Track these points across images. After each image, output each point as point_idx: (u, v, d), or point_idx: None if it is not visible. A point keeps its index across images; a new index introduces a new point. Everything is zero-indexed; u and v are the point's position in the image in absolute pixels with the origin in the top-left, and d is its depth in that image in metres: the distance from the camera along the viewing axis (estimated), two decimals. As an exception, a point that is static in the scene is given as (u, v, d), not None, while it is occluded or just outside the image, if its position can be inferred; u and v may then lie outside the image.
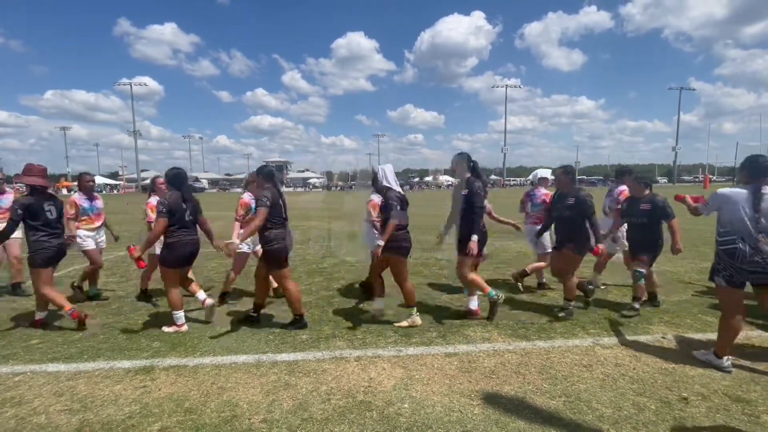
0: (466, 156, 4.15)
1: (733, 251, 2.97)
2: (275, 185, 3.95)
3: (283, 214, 3.95)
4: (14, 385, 2.97)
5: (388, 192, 3.91)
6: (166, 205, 3.79)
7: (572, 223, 4.13)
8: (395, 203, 3.83)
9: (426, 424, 2.43)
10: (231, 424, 2.46)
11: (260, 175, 4.05)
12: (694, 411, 2.55)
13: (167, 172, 4.12)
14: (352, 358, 3.33)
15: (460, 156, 4.16)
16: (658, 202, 4.17)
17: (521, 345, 3.58)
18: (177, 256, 3.90)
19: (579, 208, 4.06)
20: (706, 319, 4.19)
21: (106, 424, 2.46)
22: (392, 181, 3.97)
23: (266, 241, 3.80)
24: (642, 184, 4.34)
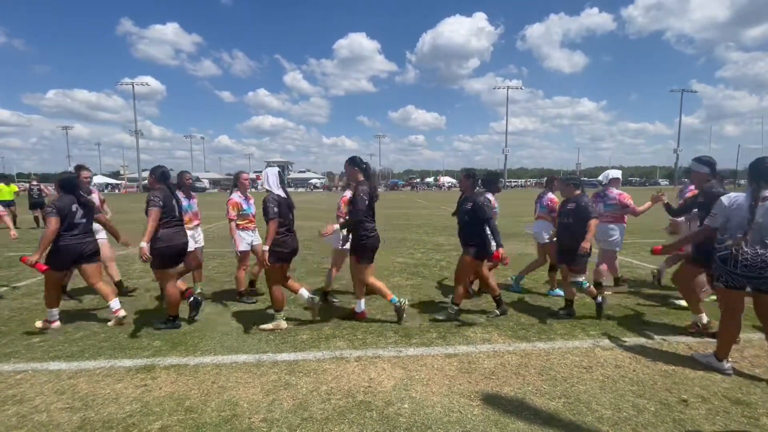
0: (356, 160, 4.10)
1: (726, 257, 3.00)
2: (168, 186, 4.07)
3: (175, 214, 4.02)
4: (16, 383, 2.98)
5: (268, 195, 3.88)
6: (57, 206, 3.82)
7: (471, 227, 4.09)
8: (273, 206, 3.80)
9: (426, 425, 2.44)
10: (231, 423, 2.47)
11: (153, 175, 4.12)
12: (693, 413, 2.55)
13: (59, 176, 4.10)
14: (353, 358, 3.33)
15: (350, 161, 4.10)
16: (582, 201, 4.13)
17: (521, 346, 3.58)
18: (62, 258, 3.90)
19: (476, 213, 4.03)
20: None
21: (107, 423, 2.47)
22: (273, 184, 3.96)
23: (154, 240, 3.85)
24: (571, 185, 4.30)
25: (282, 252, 3.88)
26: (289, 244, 3.96)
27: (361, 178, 4.05)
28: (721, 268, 3.05)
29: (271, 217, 3.77)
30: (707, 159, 3.79)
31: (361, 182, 4.00)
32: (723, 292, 3.13)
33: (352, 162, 4.11)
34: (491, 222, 4.00)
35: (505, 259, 4.01)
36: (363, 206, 3.90)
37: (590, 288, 4.22)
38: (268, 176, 3.98)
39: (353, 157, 4.14)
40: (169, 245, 3.91)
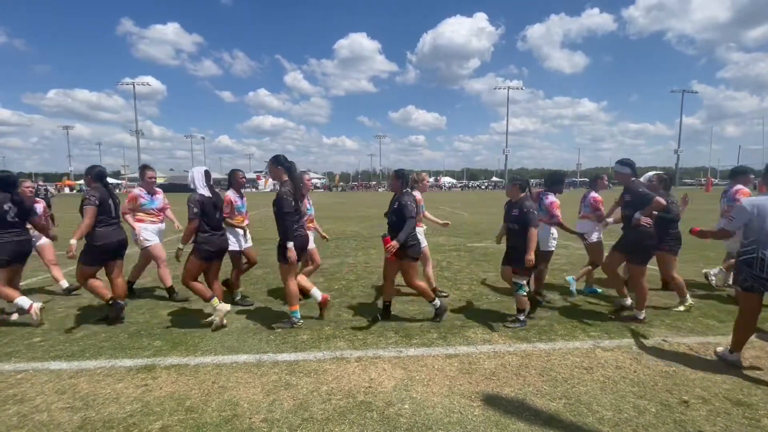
0: (280, 159, 4.02)
1: (751, 261, 3.03)
2: (105, 185, 4.14)
3: (111, 213, 4.07)
4: (16, 382, 2.98)
5: (191, 195, 3.89)
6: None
7: (398, 229, 3.98)
8: (193, 206, 3.82)
9: (426, 425, 2.44)
10: (232, 423, 2.47)
11: (89, 175, 4.16)
12: (694, 414, 2.55)
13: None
14: (353, 359, 3.33)
15: (274, 160, 4.04)
16: (524, 207, 3.95)
17: (522, 347, 3.58)
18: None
19: (401, 213, 3.96)
20: (707, 322, 4.18)
21: (108, 422, 2.47)
22: (199, 184, 3.96)
23: (91, 238, 3.92)
24: (516, 186, 4.10)
25: (209, 250, 3.95)
26: (215, 243, 4.00)
27: (286, 177, 3.98)
28: (746, 272, 3.07)
29: (191, 218, 3.82)
30: (628, 161, 4.18)
31: (284, 182, 3.95)
32: (742, 294, 3.16)
33: (276, 161, 4.02)
34: (410, 221, 3.88)
35: (391, 246, 3.85)
36: (290, 208, 3.82)
37: (524, 299, 4.06)
38: (194, 175, 3.98)
39: (277, 156, 4.06)
40: (105, 243, 4.01)
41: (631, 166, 4.15)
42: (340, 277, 6.33)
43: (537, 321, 4.22)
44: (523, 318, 4.06)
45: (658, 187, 4.56)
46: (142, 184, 5.03)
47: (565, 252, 8.08)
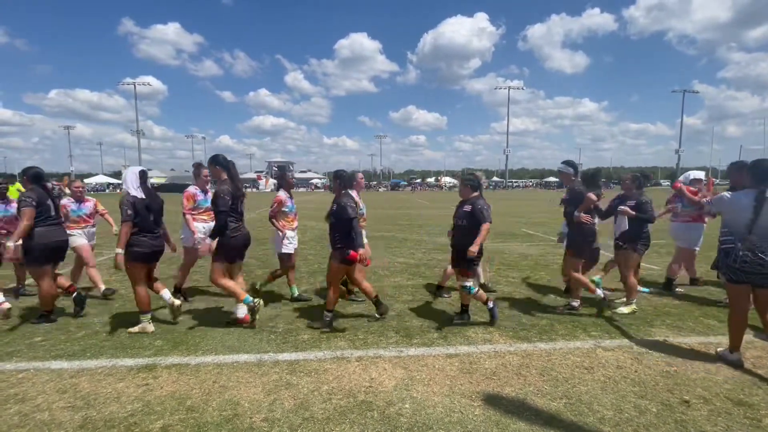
0: (219, 158, 4.01)
1: (729, 251, 3.12)
2: (43, 186, 4.15)
3: (51, 213, 4.09)
4: (18, 381, 2.98)
5: (124, 197, 3.87)
6: None
7: (335, 230, 3.99)
8: (126, 208, 3.79)
9: (427, 425, 2.44)
10: (232, 422, 2.47)
11: (25, 176, 4.17)
12: (695, 414, 2.54)
13: None
14: (354, 358, 3.33)
15: (213, 160, 4.03)
16: (477, 204, 3.96)
17: (522, 346, 3.57)
18: None
19: (338, 214, 3.94)
20: (708, 322, 4.18)
21: (109, 422, 2.48)
22: (132, 185, 3.93)
23: (30, 238, 3.95)
24: (468, 186, 4.11)
25: (141, 252, 3.88)
26: (148, 244, 3.93)
27: (225, 177, 3.97)
28: (723, 261, 3.18)
29: (124, 219, 3.78)
30: (571, 162, 4.54)
31: (223, 181, 3.94)
32: (728, 285, 3.25)
33: (215, 161, 4.01)
34: (353, 222, 3.86)
35: (364, 260, 3.93)
36: (225, 206, 3.81)
37: (479, 293, 4.02)
38: (127, 176, 4.00)
39: (215, 155, 4.05)
40: (46, 243, 4.02)
41: (573, 166, 4.47)
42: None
43: (538, 321, 4.22)
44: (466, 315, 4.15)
45: (630, 187, 4.61)
46: (197, 183, 4.97)
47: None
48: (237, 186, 3.98)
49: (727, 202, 3.20)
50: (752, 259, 2.99)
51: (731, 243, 3.11)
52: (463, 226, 4.00)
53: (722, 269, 3.22)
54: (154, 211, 4.01)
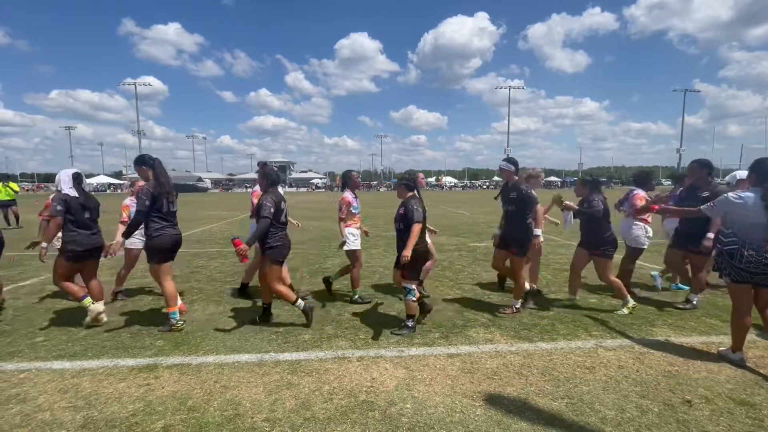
0: (144, 158, 4.01)
1: (733, 252, 3.09)
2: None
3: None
4: (19, 382, 2.99)
5: (56, 194, 3.90)
6: None
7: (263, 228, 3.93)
8: (56, 204, 3.84)
9: (428, 425, 2.43)
10: (234, 422, 2.47)
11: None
12: (697, 414, 2.54)
13: None
14: (355, 358, 3.33)
15: (138, 160, 4.03)
16: (408, 204, 3.83)
17: (523, 346, 3.57)
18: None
19: (258, 212, 3.90)
20: (710, 322, 4.17)
21: (110, 422, 2.48)
22: (65, 186, 3.96)
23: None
24: (402, 186, 3.99)
25: (74, 250, 3.93)
26: (82, 242, 3.96)
27: (152, 177, 3.97)
28: (727, 262, 3.15)
29: (53, 215, 3.84)
30: (513, 159, 4.46)
31: (150, 182, 3.94)
32: (730, 286, 3.23)
33: (141, 161, 4.01)
34: (263, 221, 3.80)
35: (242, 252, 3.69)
36: (143, 207, 3.81)
37: (411, 303, 3.86)
38: (61, 177, 4.03)
39: (141, 156, 4.04)
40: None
41: (515, 164, 4.40)
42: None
43: (539, 320, 4.22)
44: (411, 324, 3.86)
45: (582, 190, 4.59)
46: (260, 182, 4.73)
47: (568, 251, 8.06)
48: (163, 185, 3.93)
49: (733, 203, 3.11)
50: (756, 259, 2.98)
51: (735, 244, 3.09)
52: (400, 229, 3.86)
53: (725, 270, 3.19)
54: (89, 209, 4.07)
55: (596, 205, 4.42)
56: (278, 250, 3.94)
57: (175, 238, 4.02)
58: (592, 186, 4.58)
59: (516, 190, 4.29)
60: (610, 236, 4.43)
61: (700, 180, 4.41)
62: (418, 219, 3.73)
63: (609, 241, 4.43)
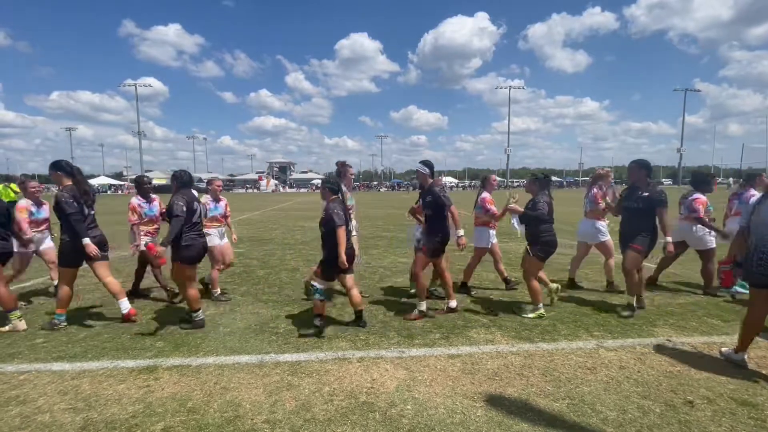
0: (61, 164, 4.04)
1: (749, 254, 3.10)
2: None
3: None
4: (19, 383, 2.98)
5: None
6: None
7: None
8: None
9: (429, 426, 2.43)
10: (234, 424, 2.46)
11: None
12: (699, 415, 2.53)
13: None
14: (355, 359, 3.32)
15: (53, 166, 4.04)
16: (329, 208, 3.85)
17: (524, 347, 3.56)
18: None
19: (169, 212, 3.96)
20: (711, 322, 4.16)
21: (110, 423, 2.47)
22: None
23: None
24: (326, 189, 4.05)
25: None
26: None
27: (68, 182, 3.97)
28: (745, 264, 3.17)
29: None
30: (428, 162, 4.40)
31: (65, 186, 3.94)
32: (750, 290, 3.23)
33: (55, 167, 4.02)
34: (172, 222, 3.84)
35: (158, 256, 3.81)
36: (72, 208, 3.83)
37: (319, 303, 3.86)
38: None
39: (56, 161, 4.05)
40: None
41: (430, 167, 4.37)
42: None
43: (540, 321, 4.20)
44: (319, 323, 3.86)
45: (532, 187, 4.42)
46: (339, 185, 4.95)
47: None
48: (83, 190, 4.00)
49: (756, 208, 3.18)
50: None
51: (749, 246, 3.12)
52: (324, 233, 3.91)
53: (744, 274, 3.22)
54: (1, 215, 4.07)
55: (541, 207, 4.23)
56: (191, 249, 4.01)
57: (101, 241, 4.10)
58: (541, 184, 4.39)
59: (431, 193, 4.23)
60: (546, 237, 4.24)
61: (640, 180, 4.37)
62: (341, 222, 3.77)
63: (542, 242, 4.23)
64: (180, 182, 4.12)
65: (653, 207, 4.19)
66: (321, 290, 3.86)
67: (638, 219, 4.30)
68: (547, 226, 4.28)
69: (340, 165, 4.96)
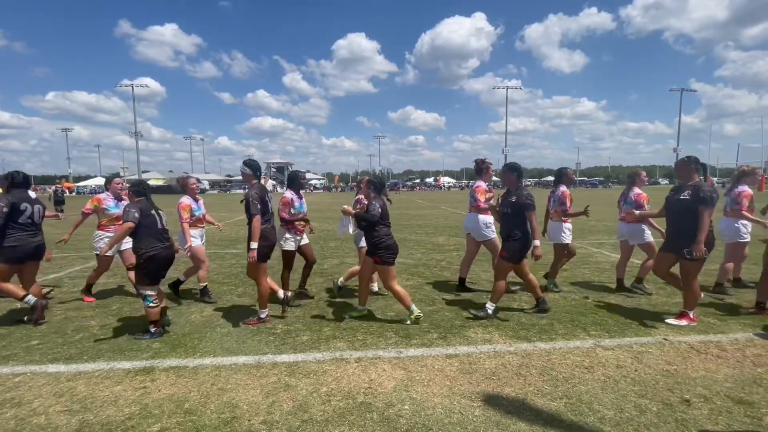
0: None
1: None
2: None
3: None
4: (14, 385, 2.96)
5: None
6: None
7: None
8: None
9: (426, 426, 2.42)
10: (231, 425, 2.45)
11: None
12: (696, 413, 2.53)
13: None
14: (353, 360, 3.32)
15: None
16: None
17: (522, 346, 3.56)
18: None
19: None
20: (708, 321, 4.17)
21: (106, 425, 2.46)
22: None
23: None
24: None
25: None
26: None
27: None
28: None
29: None
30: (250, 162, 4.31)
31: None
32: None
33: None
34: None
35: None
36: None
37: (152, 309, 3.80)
38: None
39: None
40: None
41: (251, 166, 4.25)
42: (339, 277, 6.31)
43: (537, 320, 4.21)
44: (153, 330, 3.80)
45: (366, 191, 4.29)
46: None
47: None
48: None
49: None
50: None
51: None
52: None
53: None
54: None
55: (373, 210, 4.06)
56: (13, 250, 4.07)
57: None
58: (376, 188, 4.23)
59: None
60: (383, 242, 4.07)
61: (510, 184, 4.36)
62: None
63: (383, 247, 4.07)
64: (12, 183, 4.23)
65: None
66: (148, 297, 3.79)
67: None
68: (382, 230, 4.10)
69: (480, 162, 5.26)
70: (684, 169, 4.10)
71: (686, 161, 4.13)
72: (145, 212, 3.80)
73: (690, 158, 4.13)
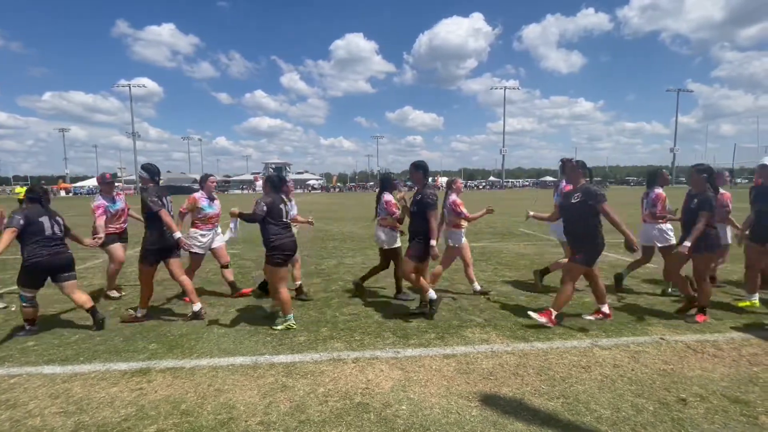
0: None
1: None
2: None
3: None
4: (9, 387, 2.94)
5: None
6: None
7: None
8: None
9: (424, 426, 2.42)
10: (228, 426, 2.44)
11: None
12: (692, 412, 2.54)
13: None
14: (350, 360, 3.31)
15: None
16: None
17: (519, 346, 3.57)
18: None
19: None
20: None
21: (102, 427, 2.45)
22: None
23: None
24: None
25: None
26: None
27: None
28: None
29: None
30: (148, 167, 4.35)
31: None
32: None
33: None
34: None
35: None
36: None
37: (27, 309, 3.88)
38: None
39: None
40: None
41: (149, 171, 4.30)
42: (337, 277, 6.31)
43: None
44: (28, 328, 3.92)
45: (265, 188, 4.21)
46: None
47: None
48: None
49: None
50: None
51: None
52: None
53: None
54: None
55: (257, 209, 3.91)
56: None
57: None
58: (273, 186, 4.14)
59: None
60: (272, 242, 3.94)
61: (417, 182, 4.41)
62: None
63: (271, 248, 3.94)
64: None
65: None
66: (23, 296, 3.85)
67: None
68: (275, 229, 3.97)
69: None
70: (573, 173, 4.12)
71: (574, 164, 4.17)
72: (31, 219, 3.74)
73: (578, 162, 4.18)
